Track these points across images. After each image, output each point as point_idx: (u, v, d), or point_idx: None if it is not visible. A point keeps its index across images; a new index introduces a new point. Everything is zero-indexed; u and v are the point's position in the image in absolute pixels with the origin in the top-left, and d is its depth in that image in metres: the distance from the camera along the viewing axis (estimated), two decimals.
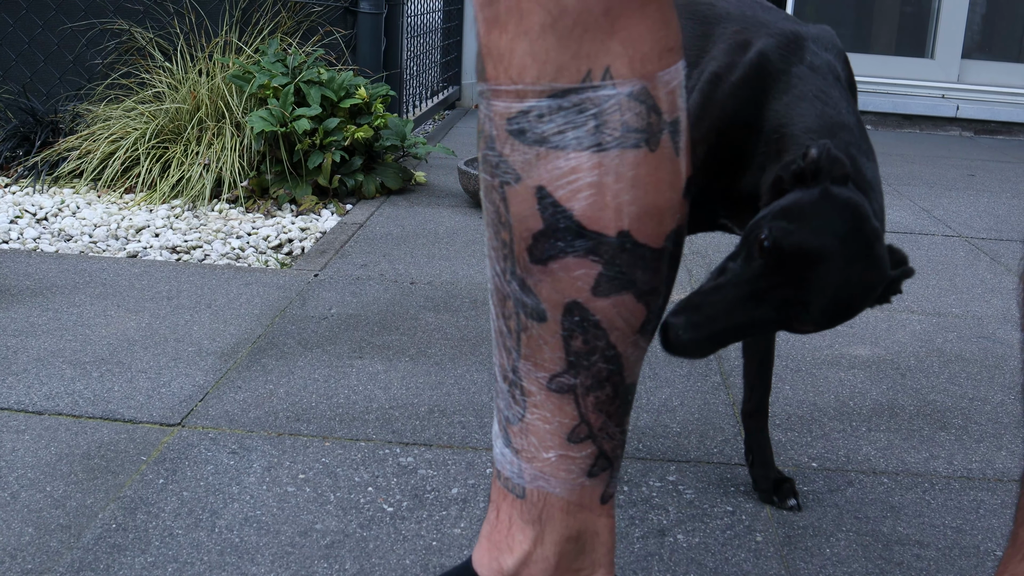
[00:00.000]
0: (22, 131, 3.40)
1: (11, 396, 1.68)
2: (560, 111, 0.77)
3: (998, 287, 2.58)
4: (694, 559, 1.30)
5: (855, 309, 1.04)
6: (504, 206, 0.82)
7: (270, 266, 2.54)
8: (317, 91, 3.06)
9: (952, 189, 3.84)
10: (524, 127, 0.79)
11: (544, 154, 0.78)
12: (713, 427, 1.67)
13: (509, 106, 0.79)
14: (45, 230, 2.78)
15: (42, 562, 1.23)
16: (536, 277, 0.82)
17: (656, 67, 0.78)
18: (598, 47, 0.76)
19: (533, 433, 0.90)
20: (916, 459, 1.61)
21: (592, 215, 0.79)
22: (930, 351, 2.09)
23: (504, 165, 0.81)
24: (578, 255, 0.80)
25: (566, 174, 0.78)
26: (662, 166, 0.80)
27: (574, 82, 0.77)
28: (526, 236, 0.81)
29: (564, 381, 0.86)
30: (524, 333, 0.86)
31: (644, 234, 0.81)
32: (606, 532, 0.95)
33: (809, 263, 0.99)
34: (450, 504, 1.40)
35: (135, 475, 1.44)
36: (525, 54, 0.77)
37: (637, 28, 0.77)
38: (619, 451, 0.93)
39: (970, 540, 1.38)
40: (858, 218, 1.02)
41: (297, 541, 1.30)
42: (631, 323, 0.84)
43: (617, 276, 0.81)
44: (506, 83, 0.79)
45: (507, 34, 0.78)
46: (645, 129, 0.78)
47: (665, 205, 0.81)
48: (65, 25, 3.61)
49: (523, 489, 0.92)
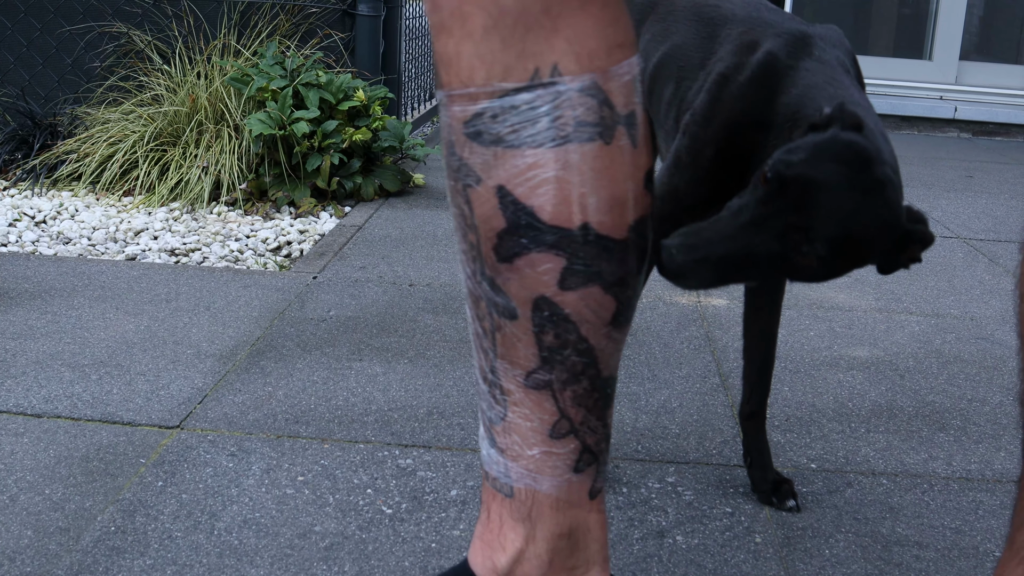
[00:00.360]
0: (20, 134, 3.40)
1: (10, 399, 1.68)
2: (512, 110, 0.79)
3: (996, 288, 2.58)
4: (693, 560, 1.30)
5: (863, 248, 1.00)
6: (469, 208, 0.83)
7: (269, 268, 2.54)
8: (315, 94, 3.06)
9: (950, 190, 3.85)
10: (480, 129, 0.80)
11: (501, 154, 0.80)
12: (712, 428, 1.68)
13: (464, 109, 0.80)
14: (44, 233, 2.78)
15: (41, 565, 1.23)
16: (504, 275, 0.84)
17: (605, 63, 0.79)
18: (543, 45, 0.78)
19: (516, 431, 0.90)
20: (915, 460, 1.61)
21: (552, 210, 0.80)
22: (929, 352, 2.09)
23: (465, 168, 0.82)
24: (542, 250, 0.81)
25: (524, 172, 0.80)
26: (619, 158, 0.81)
27: (523, 81, 0.78)
28: (491, 236, 0.83)
29: (540, 377, 0.87)
30: (498, 332, 0.87)
31: (606, 226, 0.82)
32: (598, 528, 0.96)
33: (812, 189, 0.96)
34: (449, 506, 1.40)
35: (134, 478, 1.44)
36: (472, 57, 0.79)
37: (581, 26, 0.78)
38: (603, 445, 0.93)
39: (969, 541, 1.38)
40: (867, 157, 0.99)
41: (296, 543, 1.30)
42: (601, 315, 0.85)
43: (583, 269, 0.82)
44: (458, 87, 0.80)
45: (453, 39, 0.79)
46: (598, 123, 0.80)
47: (624, 196, 0.82)
48: (64, 28, 3.61)
49: (511, 488, 0.93)
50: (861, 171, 0.98)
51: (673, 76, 1.36)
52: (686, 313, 2.25)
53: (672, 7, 1.44)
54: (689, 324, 2.18)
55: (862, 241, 0.99)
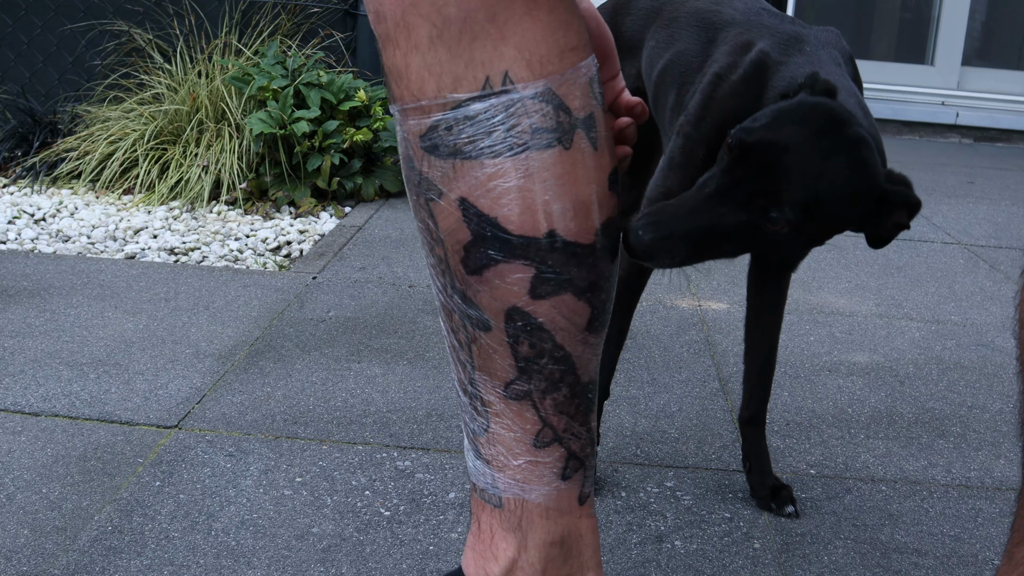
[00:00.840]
0: (20, 131, 3.40)
1: (7, 397, 1.67)
2: (467, 121, 0.78)
3: (997, 295, 2.57)
4: (692, 566, 1.30)
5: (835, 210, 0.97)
6: (433, 222, 0.82)
7: (268, 268, 2.54)
8: (316, 93, 3.06)
9: (951, 196, 3.84)
10: (436, 142, 0.79)
11: (460, 166, 0.79)
12: (711, 433, 1.67)
13: (419, 123, 0.79)
14: (43, 231, 2.77)
15: (37, 564, 1.23)
16: (474, 288, 0.83)
17: (558, 67, 0.78)
18: (491, 54, 0.77)
19: (500, 443, 0.90)
20: (914, 467, 1.60)
21: (516, 219, 0.79)
22: (929, 359, 2.08)
23: (426, 183, 0.81)
24: (510, 261, 0.80)
25: (484, 182, 0.79)
26: (580, 162, 0.81)
27: (474, 90, 0.77)
28: (458, 249, 0.82)
29: (519, 388, 0.87)
30: (474, 344, 0.86)
31: (572, 231, 0.81)
32: (589, 533, 0.95)
33: (774, 152, 0.93)
34: (447, 508, 1.40)
35: (131, 477, 1.44)
36: (421, 68, 0.77)
37: (529, 32, 0.77)
38: (588, 450, 0.93)
39: (968, 549, 1.38)
40: (834, 118, 0.97)
41: (294, 545, 1.29)
42: (575, 322, 0.85)
43: (552, 276, 0.82)
44: (411, 101, 0.79)
45: (400, 50, 0.78)
46: (555, 128, 0.79)
47: (588, 200, 0.81)
48: (64, 26, 3.61)
49: (499, 499, 0.92)
50: (827, 132, 0.96)
51: (676, 82, 1.36)
52: (686, 317, 2.25)
53: (675, 14, 1.43)
54: (689, 328, 2.17)
55: (833, 203, 0.96)
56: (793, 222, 0.95)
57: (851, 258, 2.85)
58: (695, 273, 2.58)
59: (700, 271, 2.60)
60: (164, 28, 3.53)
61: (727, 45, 1.26)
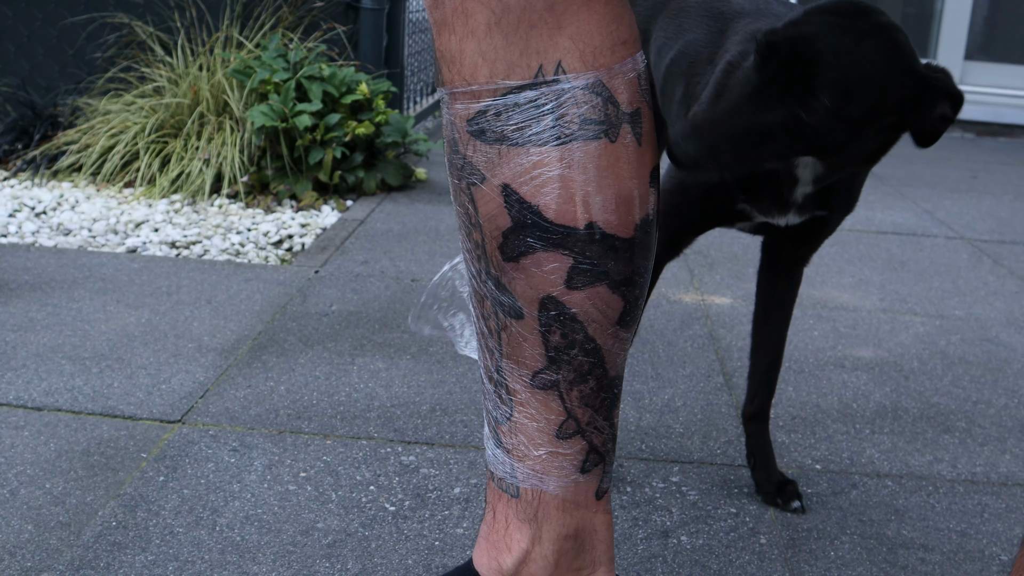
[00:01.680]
0: (21, 124, 3.39)
1: (10, 392, 1.67)
2: (516, 108, 0.78)
3: (1001, 290, 2.57)
4: (698, 561, 1.29)
5: (875, 94, 0.94)
6: (473, 207, 0.83)
7: (270, 262, 2.53)
8: (318, 87, 3.05)
9: (954, 191, 3.84)
10: (484, 127, 0.80)
11: (506, 152, 0.79)
12: (716, 428, 1.67)
13: (467, 107, 0.80)
14: (44, 224, 2.76)
15: (42, 560, 1.22)
16: (510, 275, 0.83)
17: (609, 60, 0.79)
18: (547, 43, 0.77)
19: (522, 432, 0.90)
20: (920, 462, 1.60)
21: (558, 208, 0.80)
22: (933, 354, 2.08)
23: (469, 167, 0.82)
24: (548, 249, 0.81)
25: (529, 170, 0.79)
26: (624, 156, 0.81)
27: (527, 78, 0.78)
28: (496, 235, 0.82)
29: (547, 377, 0.87)
30: (504, 332, 0.87)
31: (612, 225, 0.81)
32: (604, 529, 0.95)
33: (805, 41, 0.92)
34: (452, 504, 1.39)
35: (135, 472, 1.43)
36: (475, 54, 0.78)
37: (585, 23, 0.78)
38: (610, 445, 0.93)
39: (975, 544, 1.37)
40: (863, 7, 0.95)
41: (299, 540, 1.29)
42: (608, 315, 0.85)
43: (589, 268, 0.82)
44: (461, 85, 0.80)
45: (456, 36, 0.79)
46: (603, 121, 0.79)
47: (631, 195, 0.82)
48: (65, 19, 3.59)
49: (517, 488, 0.92)
50: (856, 17, 0.94)
51: (683, 73, 1.35)
52: (690, 312, 2.24)
53: (683, 4, 1.43)
54: (693, 323, 2.17)
55: (869, 84, 0.94)
56: (831, 108, 0.93)
57: (854, 253, 2.84)
58: (697, 268, 2.57)
59: (703, 265, 2.59)
60: (165, 21, 3.52)
61: (738, 35, 1.25)
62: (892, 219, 3.31)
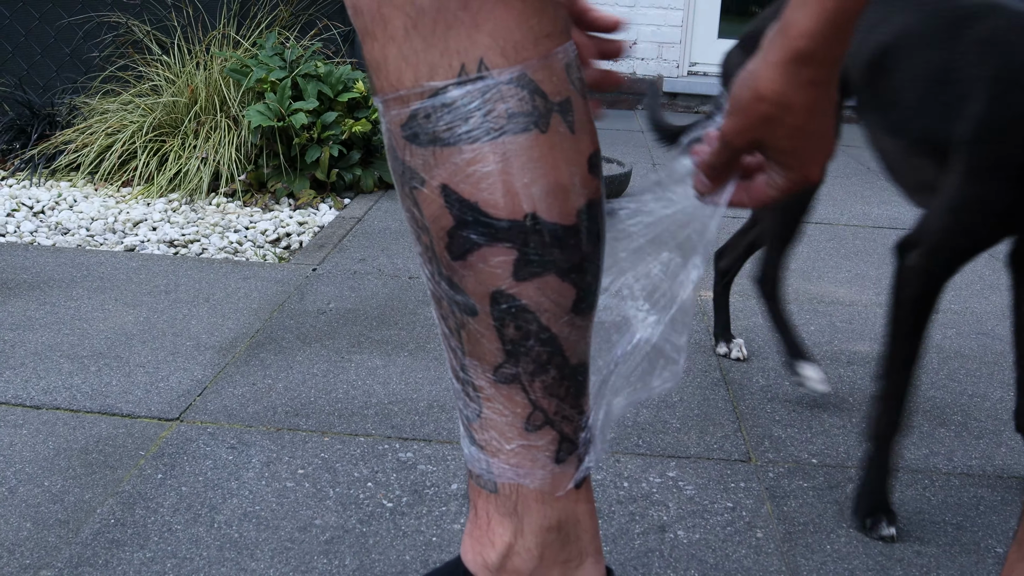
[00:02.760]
0: (19, 124, 3.39)
1: (8, 390, 1.67)
2: (444, 108, 0.79)
3: (996, 284, 2.57)
4: (695, 555, 1.30)
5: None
6: (418, 210, 0.84)
7: (268, 260, 2.53)
8: (314, 85, 3.05)
9: None
10: (416, 131, 0.80)
11: (440, 152, 0.80)
12: (713, 423, 1.67)
13: (399, 113, 0.81)
14: (42, 223, 2.77)
15: (40, 557, 1.23)
16: (459, 273, 0.84)
17: (532, 53, 0.80)
18: (466, 42, 0.78)
19: (492, 427, 0.91)
20: (916, 455, 1.60)
21: (496, 202, 0.80)
22: (929, 347, 2.08)
23: (409, 172, 0.82)
24: (492, 244, 0.82)
25: (463, 168, 0.80)
26: (557, 145, 0.82)
27: (450, 78, 0.78)
28: (442, 235, 0.83)
29: (507, 371, 0.87)
30: (463, 330, 0.87)
31: (552, 213, 0.82)
32: (587, 518, 0.96)
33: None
34: (450, 500, 1.40)
35: (133, 470, 1.44)
36: (398, 59, 0.79)
37: (503, 19, 0.78)
38: (583, 434, 0.93)
39: (970, 537, 1.38)
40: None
41: (296, 536, 1.29)
42: (560, 303, 0.85)
43: (536, 258, 0.83)
44: (390, 91, 0.81)
45: (378, 43, 0.79)
46: (531, 112, 0.80)
47: (568, 182, 0.83)
48: (62, 18, 3.60)
49: (495, 484, 0.93)
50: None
51: (915, 76, 1.30)
52: None
53: None
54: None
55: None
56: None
57: (851, 248, 2.84)
58: None
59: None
60: (162, 20, 3.52)
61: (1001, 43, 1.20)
62: (888, 214, 3.31)
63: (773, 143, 0.82)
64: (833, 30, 0.75)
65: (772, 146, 0.83)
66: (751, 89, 0.80)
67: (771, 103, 0.79)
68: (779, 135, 0.81)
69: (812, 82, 0.78)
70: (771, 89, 0.79)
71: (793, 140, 0.81)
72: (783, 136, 0.81)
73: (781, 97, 0.79)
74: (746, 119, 0.82)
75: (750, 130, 0.82)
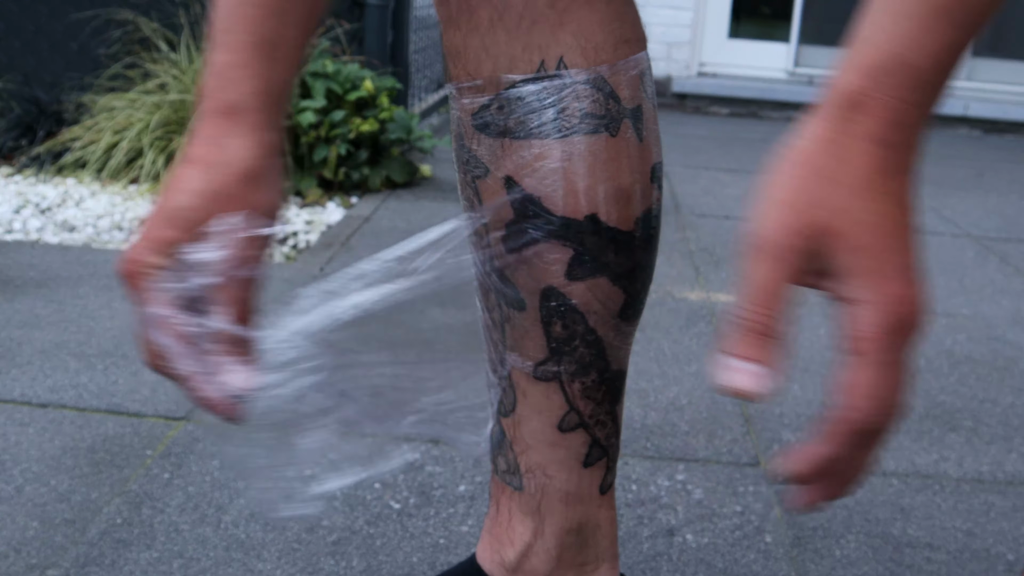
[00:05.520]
0: (26, 121, 3.39)
1: (15, 388, 1.67)
2: (519, 102, 0.80)
3: (1007, 288, 2.56)
4: (703, 559, 1.29)
5: None
6: (478, 200, 0.84)
7: (275, 259, 2.53)
8: (322, 84, 3.05)
9: (960, 188, 3.83)
10: (487, 121, 0.81)
11: (508, 145, 0.81)
12: (722, 427, 1.66)
13: (472, 102, 0.82)
14: (49, 220, 2.77)
15: (47, 556, 1.22)
16: (512, 266, 0.85)
17: (611, 56, 0.80)
18: (548, 39, 0.79)
19: (525, 424, 0.91)
20: (926, 461, 1.59)
21: (559, 200, 0.81)
22: (939, 352, 2.07)
23: (474, 160, 0.83)
24: (550, 240, 0.82)
25: (531, 162, 0.80)
26: (624, 151, 0.82)
27: (528, 72, 0.79)
28: (499, 227, 0.83)
29: (549, 369, 0.87)
30: (507, 324, 0.88)
31: (612, 217, 0.83)
32: (608, 524, 0.96)
33: None
34: (457, 501, 1.39)
35: (140, 469, 1.43)
36: (479, 49, 0.80)
37: (587, 21, 0.79)
38: (614, 440, 0.93)
39: (981, 543, 1.37)
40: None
41: (304, 537, 1.29)
42: (608, 306, 0.86)
43: (590, 259, 0.83)
44: (466, 80, 0.81)
45: (460, 32, 0.80)
46: (604, 115, 0.81)
47: (630, 189, 0.83)
48: (70, 15, 3.60)
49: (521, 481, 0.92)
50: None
51: None
52: (695, 310, 2.24)
53: None
54: (698, 320, 2.16)
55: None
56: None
57: None
58: (703, 265, 2.57)
59: (708, 263, 2.59)
60: (170, 17, 3.52)
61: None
62: None
63: (847, 229, 0.55)
64: None
65: (846, 236, 0.55)
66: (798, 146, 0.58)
67: (828, 156, 0.55)
68: (854, 212, 0.55)
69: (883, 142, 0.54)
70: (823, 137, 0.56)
71: (873, 220, 0.55)
72: (860, 214, 0.55)
73: (839, 150, 0.55)
74: (802, 185, 0.56)
75: (809, 206, 0.56)
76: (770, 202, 0.56)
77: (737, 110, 5.75)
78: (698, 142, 4.65)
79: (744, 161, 4.19)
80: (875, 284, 0.55)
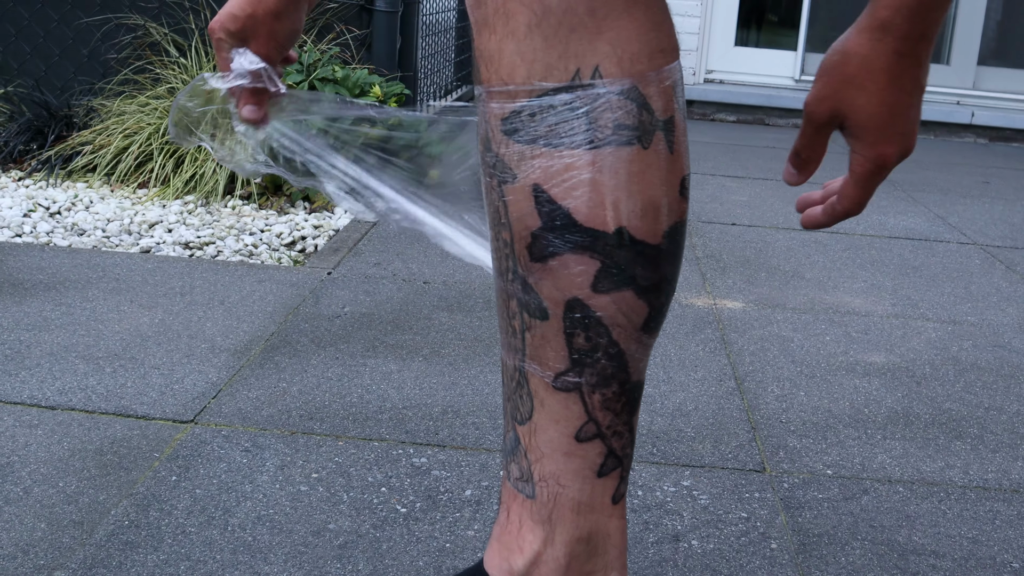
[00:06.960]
0: (36, 125, 3.41)
1: (24, 391, 1.68)
2: (551, 110, 0.79)
3: (1014, 296, 2.56)
4: (708, 565, 1.29)
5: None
6: (503, 206, 0.83)
7: (283, 263, 2.54)
8: (331, 89, 3.06)
9: (967, 196, 3.82)
10: (518, 126, 0.80)
11: (538, 152, 0.80)
12: (728, 432, 1.67)
13: (502, 106, 0.81)
14: (58, 224, 2.78)
15: (55, 558, 1.23)
16: (537, 275, 0.84)
17: (646, 67, 0.80)
18: (585, 47, 0.78)
19: (541, 432, 0.90)
20: (932, 468, 1.59)
21: (588, 212, 0.80)
22: (945, 359, 2.07)
23: (501, 165, 0.82)
24: (576, 252, 0.81)
25: (560, 172, 0.80)
26: (656, 163, 0.82)
27: (563, 81, 0.78)
28: (525, 235, 0.83)
29: (569, 379, 0.87)
30: (528, 332, 0.87)
31: (641, 230, 0.82)
32: (618, 534, 0.95)
33: None
34: (463, 506, 1.39)
35: (148, 472, 1.44)
36: (514, 54, 0.79)
37: (624, 29, 0.79)
38: (628, 450, 0.93)
39: (986, 551, 1.37)
40: None
41: (310, 541, 1.29)
42: (632, 320, 0.85)
43: (616, 272, 0.82)
44: (498, 84, 0.81)
45: (496, 35, 0.80)
46: (637, 127, 0.80)
47: (660, 202, 0.83)
48: (80, 19, 3.61)
49: (533, 489, 0.92)
50: None
51: None
52: (701, 315, 2.24)
53: None
54: (704, 326, 2.17)
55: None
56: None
57: (866, 257, 2.83)
58: (710, 272, 2.57)
59: (715, 269, 2.59)
60: (180, 22, 3.53)
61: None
62: (904, 224, 3.30)
63: (853, 114, 0.80)
64: (917, 5, 0.74)
65: (852, 118, 0.80)
66: (839, 52, 0.79)
67: (856, 64, 0.77)
68: (860, 103, 0.79)
69: (897, 52, 0.76)
70: (856, 51, 0.77)
71: (873, 110, 0.79)
72: (864, 104, 0.79)
73: (865, 60, 0.77)
74: (830, 82, 0.80)
75: (832, 96, 0.80)
76: (815, 93, 0.81)
77: (744, 117, 5.76)
78: (704, 149, 4.65)
79: (750, 168, 4.20)
80: (868, 148, 0.81)
